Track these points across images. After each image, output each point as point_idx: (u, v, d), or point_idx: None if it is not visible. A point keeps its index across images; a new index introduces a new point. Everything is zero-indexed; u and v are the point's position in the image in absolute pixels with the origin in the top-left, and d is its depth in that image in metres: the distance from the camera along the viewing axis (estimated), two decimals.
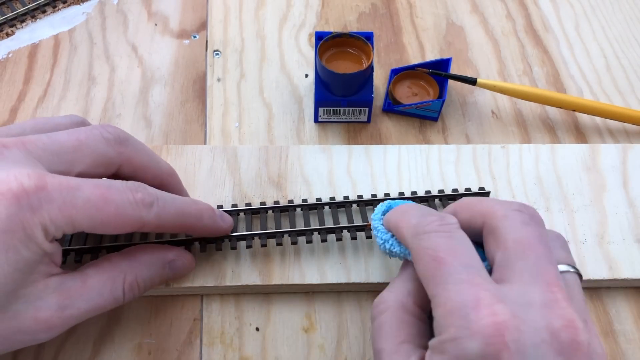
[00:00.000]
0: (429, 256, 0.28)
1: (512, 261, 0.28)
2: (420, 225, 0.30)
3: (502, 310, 0.25)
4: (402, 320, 0.29)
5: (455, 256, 0.27)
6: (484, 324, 0.24)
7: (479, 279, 0.26)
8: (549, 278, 0.27)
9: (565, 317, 0.25)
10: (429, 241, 0.29)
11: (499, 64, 0.51)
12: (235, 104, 0.47)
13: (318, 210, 0.39)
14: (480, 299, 0.25)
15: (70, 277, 0.30)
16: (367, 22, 0.54)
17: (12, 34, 0.51)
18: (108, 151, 0.31)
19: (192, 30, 0.52)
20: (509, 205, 0.30)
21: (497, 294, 0.26)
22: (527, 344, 0.24)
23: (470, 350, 0.24)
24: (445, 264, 0.27)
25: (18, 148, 0.29)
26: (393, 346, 0.28)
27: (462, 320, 0.25)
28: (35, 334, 0.29)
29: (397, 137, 0.46)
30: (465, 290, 0.26)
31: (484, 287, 0.26)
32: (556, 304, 0.26)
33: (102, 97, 0.47)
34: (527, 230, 0.28)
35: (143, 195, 0.30)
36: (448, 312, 0.26)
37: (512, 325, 0.24)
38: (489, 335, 0.24)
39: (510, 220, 0.29)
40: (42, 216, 0.27)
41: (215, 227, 0.36)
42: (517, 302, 0.25)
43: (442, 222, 0.29)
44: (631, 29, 0.54)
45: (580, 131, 0.47)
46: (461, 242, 0.29)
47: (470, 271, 0.27)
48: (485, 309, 0.25)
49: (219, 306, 0.37)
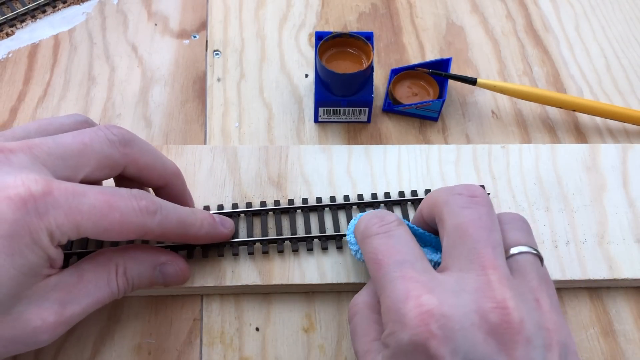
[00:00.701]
0: (371, 259, 0.30)
1: (451, 247, 0.29)
2: (365, 230, 0.32)
3: (428, 300, 0.26)
4: (370, 320, 0.31)
5: (390, 255, 0.29)
6: (411, 316, 0.26)
7: (412, 272, 0.28)
8: (484, 261, 0.27)
9: (496, 298, 0.26)
10: (370, 245, 0.31)
11: (499, 64, 0.51)
12: (235, 104, 0.47)
13: (318, 212, 0.39)
14: (408, 291, 0.27)
15: (67, 274, 0.30)
16: (367, 22, 0.54)
17: (12, 34, 0.51)
18: (113, 153, 0.32)
19: (192, 30, 0.52)
20: (450, 190, 0.31)
21: (427, 284, 0.27)
22: (455, 329, 0.25)
23: (404, 341, 0.26)
24: (382, 265, 0.29)
25: (24, 153, 0.29)
26: (365, 345, 0.30)
27: (395, 314, 0.27)
28: (38, 334, 0.29)
29: (397, 137, 0.46)
30: (397, 286, 0.27)
31: (414, 280, 0.27)
32: (488, 286, 0.26)
33: (102, 97, 0.47)
34: (465, 214, 0.29)
35: (147, 203, 0.31)
36: (386, 309, 0.27)
37: (438, 312, 0.25)
38: (415, 326, 0.25)
39: (450, 206, 0.30)
40: (48, 221, 0.27)
41: (216, 235, 0.36)
42: (450, 289, 0.27)
43: (382, 223, 0.31)
44: (631, 29, 0.54)
45: (580, 131, 0.47)
46: (397, 239, 0.30)
47: (404, 267, 0.28)
48: (412, 300, 0.26)
49: (219, 306, 0.37)
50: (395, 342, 0.26)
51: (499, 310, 0.26)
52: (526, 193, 0.41)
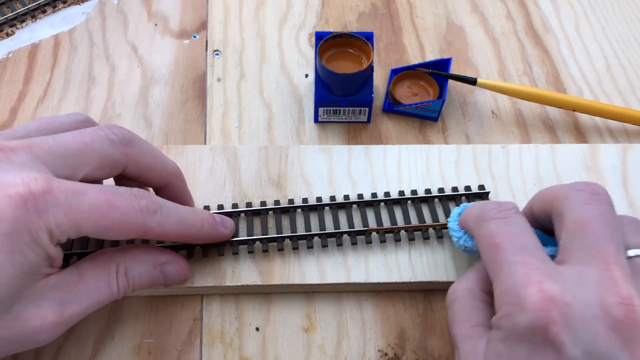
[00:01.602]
0: (488, 242, 0.30)
1: (571, 241, 0.29)
2: (481, 214, 0.32)
3: (550, 286, 0.26)
4: (472, 306, 0.31)
5: (510, 240, 0.29)
6: (533, 300, 0.26)
7: (532, 259, 0.28)
8: (606, 257, 0.27)
9: (620, 294, 0.26)
10: (487, 228, 0.31)
11: (499, 64, 0.51)
12: (235, 104, 0.47)
13: (318, 211, 0.39)
14: (530, 277, 0.27)
15: (68, 273, 0.30)
16: (367, 22, 0.54)
17: (12, 34, 0.51)
18: (113, 153, 0.31)
19: (192, 30, 0.52)
20: (571, 186, 0.31)
21: (548, 272, 0.27)
22: (576, 318, 0.25)
23: (521, 324, 0.26)
24: (500, 249, 0.29)
25: (24, 152, 0.29)
26: (466, 330, 0.30)
27: (513, 297, 0.27)
28: (38, 333, 0.29)
29: (397, 137, 0.46)
30: (517, 270, 0.27)
31: (535, 267, 0.27)
32: (612, 281, 0.26)
33: (102, 97, 0.47)
34: (587, 210, 0.29)
35: (147, 203, 0.31)
36: (503, 291, 0.27)
37: (561, 300, 0.25)
38: (537, 310, 0.25)
39: (571, 201, 0.30)
40: (48, 220, 0.27)
41: (217, 235, 0.36)
42: (571, 281, 0.27)
43: (500, 208, 0.31)
44: (631, 29, 0.54)
45: (580, 131, 0.47)
46: (517, 226, 0.30)
47: (524, 253, 0.28)
48: (534, 286, 0.26)
49: (219, 306, 0.37)
50: (511, 325, 0.26)
51: (624, 306, 0.25)
52: (526, 193, 0.41)
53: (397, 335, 0.37)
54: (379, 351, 0.36)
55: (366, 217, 0.39)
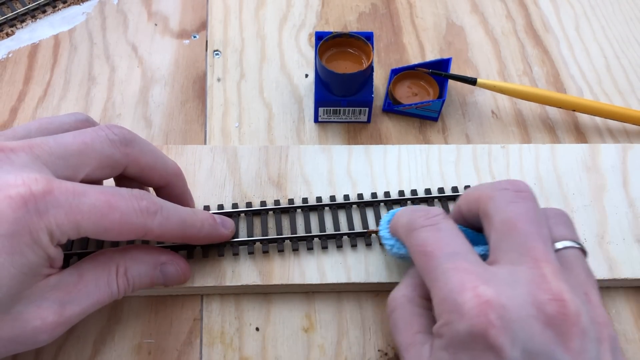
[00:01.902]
0: (419, 252, 0.30)
1: (500, 241, 0.29)
2: (409, 224, 0.32)
3: (485, 290, 0.26)
4: (412, 313, 0.31)
5: (441, 247, 0.29)
6: (469, 306, 0.26)
7: (465, 263, 0.28)
8: (536, 254, 0.28)
9: (552, 290, 0.26)
10: (417, 237, 0.31)
11: (499, 64, 0.51)
12: (235, 104, 0.47)
13: (318, 211, 0.39)
14: (464, 283, 0.27)
15: (68, 274, 0.30)
16: (367, 22, 0.54)
17: (12, 34, 0.51)
18: (114, 153, 0.31)
19: (192, 30, 0.52)
20: (495, 185, 0.31)
21: (482, 275, 0.27)
22: (512, 319, 0.25)
23: (461, 331, 0.26)
24: (433, 257, 0.29)
25: (25, 152, 0.29)
26: (408, 338, 0.30)
27: (451, 305, 0.27)
28: (38, 334, 0.29)
29: (397, 137, 0.46)
30: (451, 277, 0.27)
31: (469, 271, 0.27)
32: (543, 279, 0.27)
33: (102, 97, 0.47)
34: (513, 209, 0.30)
35: (148, 204, 0.31)
36: (440, 300, 0.27)
37: (497, 303, 0.26)
38: (474, 316, 0.26)
39: (497, 201, 0.30)
40: (48, 221, 0.27)
41: (217, 235, 0.36)
42: (504, 281, 0.27)
43: (427, 215, 0.31)
44: (631, 29, 0.54)
45: (580, 131, 0.47)
46: (446, 232, 0.30)
47: (456, 258, 0.28)
48: (470, 291, 0.26)
49: (219, 306, 0.37)
50: (451, 332, 0.26)
51: (555, 302, 0.26)
52: None
53: None
54: (379, 351, 0.36)
55: (366, 218, 0.39)
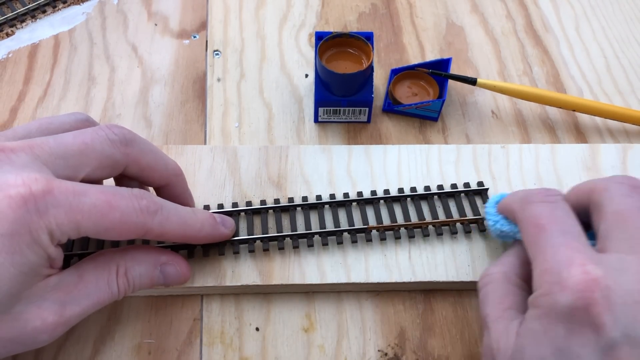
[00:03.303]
0: (532, 223, 0.31)
1: (610, 232, 0.29)
2: (527, 197, 0.32)
3: (594, 269, 0.26)
4: (506, 290, 0.31)
5: (555, 223, 0.30)
6: (575, 280, 0.26)
7: (576, 243, 0.28)
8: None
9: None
10: (532, 210, 0.31)
11: (499, 64, 0.51)
12: (235, 104, 0.47)
13: (318, 209, 0.39)
14: (573, 259, 0.27)
15: (68, 274, 0.30)
16: (367, 22, 0.54)
17: (12, 34, 0.51)
18: (114, 153, 0.31)
19: (192, 30, 0.52)
20: (610, 178, 0.32)
21: (592, 256, 0.27)
22: (617, 302, 0.26)
23: (562, 303, 0.26)
24: (545, 230, 0.30)
25: (25, 152, 0.29)
26: (498, 312, 0.30)
27: (555, 277, 0.27)
28: (38, 334, 0.29)
29: (397, 137, 0.46)
30: (561, 252, 0.28)
31: (578, 250, 0.28)
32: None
33: (102, 97, 0.47)
34: (627, 202, 0.30)
35: (148, 203, 0.31)
36: (543, 270, 0.28)
37: (604, 283, 0.26)
38: (579, 290, 0.26)
39: (610, 193, 0.31)
40: (48, 220, 0.27)
41: (217, 235, 0.36)
42: (612, 267, 0.27)
43: (547, 193, 0.32)
44: (631, 29, 0.54)
45: (580, 131, 0.47)
46: (562, 211, 0.31)
47: (568, 236, 0.29)
48: (578, 267, 0.27)
49: (219, 306, 0.37)
50: (550, 303, 0.27)
51: None
52: None
53: (397, 335, 0.37)
54: (379, 351, 0.36)
55: (366, 215, 0.39)
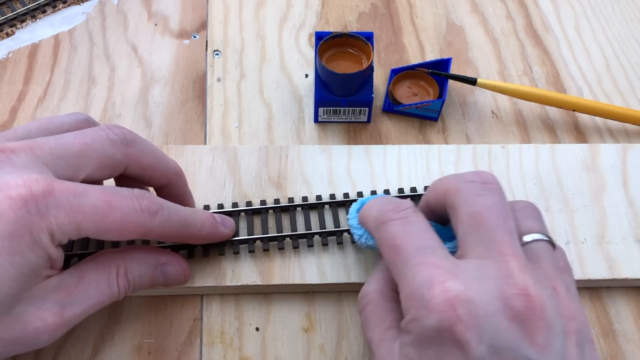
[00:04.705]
0: (388, 245, 0.30)
1: (467, 236, 0.29)
2: (379, 217, 0.31)
3: (453, 285, 0.26)
4: (384, 308, 0.31)
5: (409, 241, 0.29)
6: (437, 301, 0.26)
7: (433, 258, 0.28)
8: (502, 248, 0.28)
9: (518, 285, 0.26)
10: (386, 231, 0.30)
11: (499, 64, 0.51)
12: (235, 104, 0.47)
13: (318, 209, 0.39)
14: (432, 277, 0.27)
15: (68, 274, 0.30)
16: (367, 22, 0.54)
17: (12, 34, 0.51)
18: (114, 153, 0.31)
19: (192, 30, 0.52)
20: (461, 177, 0.31)
21: (451, 270, 0.27)
22: (479, 315, 0.25)
23: (428, 326, 0.26)
24: (401, 250, 0.29)
25: (25, 153, 0.29)
26: (379, 334, 0.30)
27: (418, 300, 0.26)
28: (38, 335, 0.29)
29: (397, 137, 0.46)
30: (420, 272, 0.27)
31: (437, 266, 0.27)
32: (509, 273, 0.27)
33: (102, 97, 0.47)
34: (479, 202, 0.29)
35: (148, 203, 0.31)
36: (408, 295, 0.27)
37: (464, 298, 0.25)
38: (442, 311, 0.25)
39: (463, 194, 0.30)
40: (49, 221, 0.27)
41: (217, 235, 0.36)
42: (472, 276, 0.27)
43: (397, 209, 0.31)
44: (631, 29, 0.54)
45: (580, 131, 0.47)
46: (415, 225, 0.30)
47: (424, 253, 0.28)
48: (438, 286, 0.26)
49: (219, 306, 0.37)
50: (419, 328, 0.26)
51: (521, 297, 0.26)
52: (526, 193, 0.41)
53: None
54: None
55: None
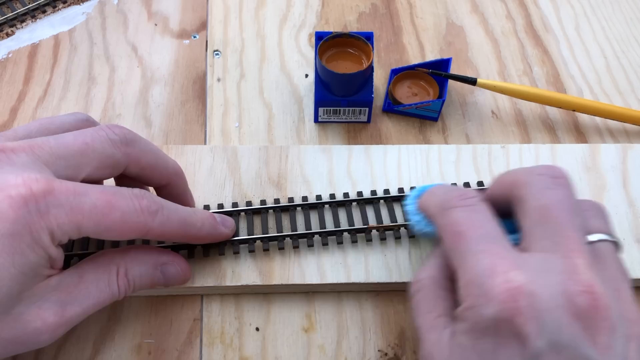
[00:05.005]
0: (451, 231, 0.29)
1: (533, 229, 0.28)
2: (444, 203, 0.31)
3: (516, 276, 0.25)
4: (436, 296, 0.30)
5: (474, 228, 0.29)
6: (498, 291, 0.25)
7: (497, 247, 0.27)
8: (569, 244, 0.27)
9: (583, 282, 0.25)
10: (450, 217, 0.30)
11: (499, 64, 0.51)
12: (235, 104, 0.47)
13: (318, 209, 0.39)
14: (495, 267, 0.26)
15: (68, 274, 0.30)
16: (367, 22, 0.54)
17: (12, 34, 0.51)
18: (115, 153, 0.31)
19: (192, 30, 0.52)
20: (531, 170, 0.31)
21: (514, 261, 0.26)
22: (541, 309, 0.25)
23: (487, 316, 0.25)
24: (464, 237, 0.28)
25: (26, 152, 0.29)
26: (429, 321, 0.29)
27: (478, 288, 0.26)
28: (38, 335, 0.29)
29: (397, 137, 0.46)
30: (482, 260, 0.27)
31: (500, 256, 0.27)
32: (574, 269, 0.26)
33: (102, 97, 0.47)
34: (548, 196, 0.29)
35: (148, 203, 0.31)
36: (467, 282, 0.27)
37: (527, 290, 0.25)
38: (502, 301, 0.25)
39: (532, 187, 0.30)
40: (49, 220, 0.27)
41: (217, 234, 0.36)
42: (536, 269, 0.26)
43: (463, 196, 0.31)
44: (631, 29, 0.54)
45: (580, 131, 0.47)
46: (481, 214, 0.30)
47: (488, 241, 0.28)
48: (500, 276, 0.26)
49: (219, 306, 0.37)
50: (476, 316, 0.26)
51: (586, 295, 0.25)
52: None
53: (397, 335, 0.37)
54: (379, 351, 0.36)
55: (366, 215, 0.39)
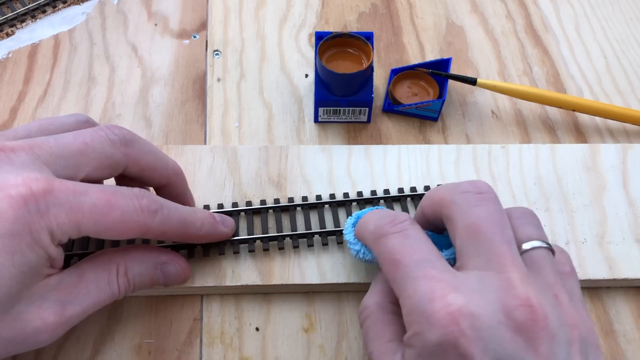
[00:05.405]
0: (387, 260, 0.30)
1: (465, 247, 0.29)
2: (377, 231, 0.31)
3: (455, 299, 0.26)
4: (384, 321, 0.31)
5: (408, 255, 0.29)
6: (439, 316, 0.26)
7: (433, 271, 0.28)
8: (501, 259, 0.28)
9: (519, 296, 0.26)
10: (384, 245, 0.30)
11: (499, 64, 0.51)
12: (235, 104, 0.47)
13: (318, 209, 0.39)
14: (434, 291, 0.26)
15: (68, 274, 0.30)
16: (367, 22, 0.54)
17: (12, 34, 0.51)
18: (114, 153, 0.32)
19: (192, 30, 0.52)
20: (456, 188, 0.31)
21: (451, 283, 0.27)
22: (482, 328, 0.25)
23: (432, 341, 0.26)
24: (400, 265, 0.29)
25: (25, 152, 0.29)
26: (380, 347, 0.30)
27: (420, 315, 0.26)
28: (38, 334, 0.29)
29: (397, 137, 0.46)
30: (421, 287, 0.27)
31: (438, 279, 0.27)
32: (510, 284, 0.27)
33: (102, 97, 0.47)
34: (475, 213, 0.29)
35: (148, 202, 0.31)
36: (409, 310, 0.27)
37: (467, 311, 0.25)
38: (445, 326, 0.25)
39: (458, 206, 0.30)
40: (49, 220, 0.27)
41: (217, 234, 0.36)
42: (473, 289, 0.27)
43: (394, 222, 0.31)
44: (631, 29, 0.54)
45: (580, 131, 0.47)
46: (413, 239, 0.30)
47: (425, 266, 0.28)
48: (439, 300, 0.26)
49: (219, 306, 0.37)
50: (422, 343, 0.26)
51: (524, 308, 0.26)
52: (526, 193, 0.41)
53: None
54: None
55: None
